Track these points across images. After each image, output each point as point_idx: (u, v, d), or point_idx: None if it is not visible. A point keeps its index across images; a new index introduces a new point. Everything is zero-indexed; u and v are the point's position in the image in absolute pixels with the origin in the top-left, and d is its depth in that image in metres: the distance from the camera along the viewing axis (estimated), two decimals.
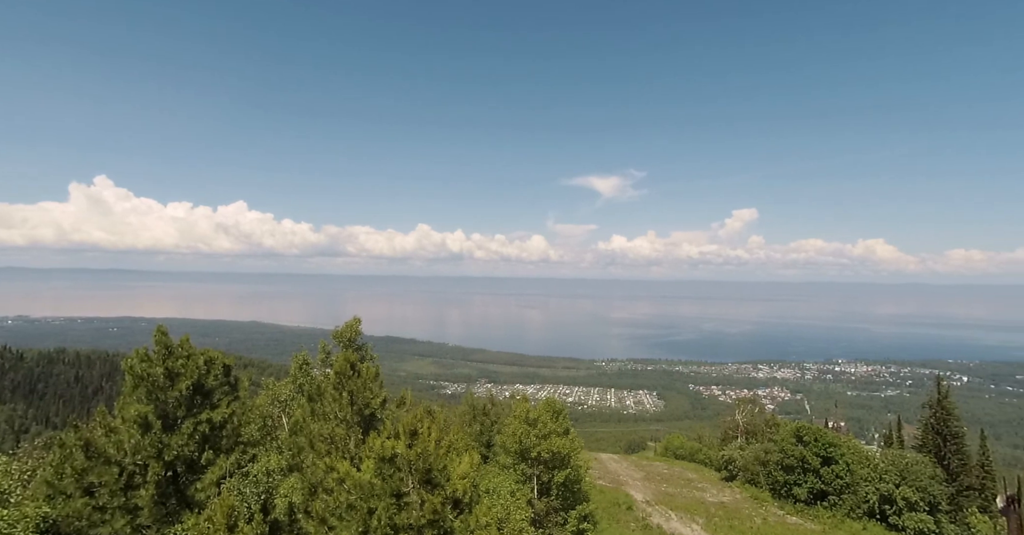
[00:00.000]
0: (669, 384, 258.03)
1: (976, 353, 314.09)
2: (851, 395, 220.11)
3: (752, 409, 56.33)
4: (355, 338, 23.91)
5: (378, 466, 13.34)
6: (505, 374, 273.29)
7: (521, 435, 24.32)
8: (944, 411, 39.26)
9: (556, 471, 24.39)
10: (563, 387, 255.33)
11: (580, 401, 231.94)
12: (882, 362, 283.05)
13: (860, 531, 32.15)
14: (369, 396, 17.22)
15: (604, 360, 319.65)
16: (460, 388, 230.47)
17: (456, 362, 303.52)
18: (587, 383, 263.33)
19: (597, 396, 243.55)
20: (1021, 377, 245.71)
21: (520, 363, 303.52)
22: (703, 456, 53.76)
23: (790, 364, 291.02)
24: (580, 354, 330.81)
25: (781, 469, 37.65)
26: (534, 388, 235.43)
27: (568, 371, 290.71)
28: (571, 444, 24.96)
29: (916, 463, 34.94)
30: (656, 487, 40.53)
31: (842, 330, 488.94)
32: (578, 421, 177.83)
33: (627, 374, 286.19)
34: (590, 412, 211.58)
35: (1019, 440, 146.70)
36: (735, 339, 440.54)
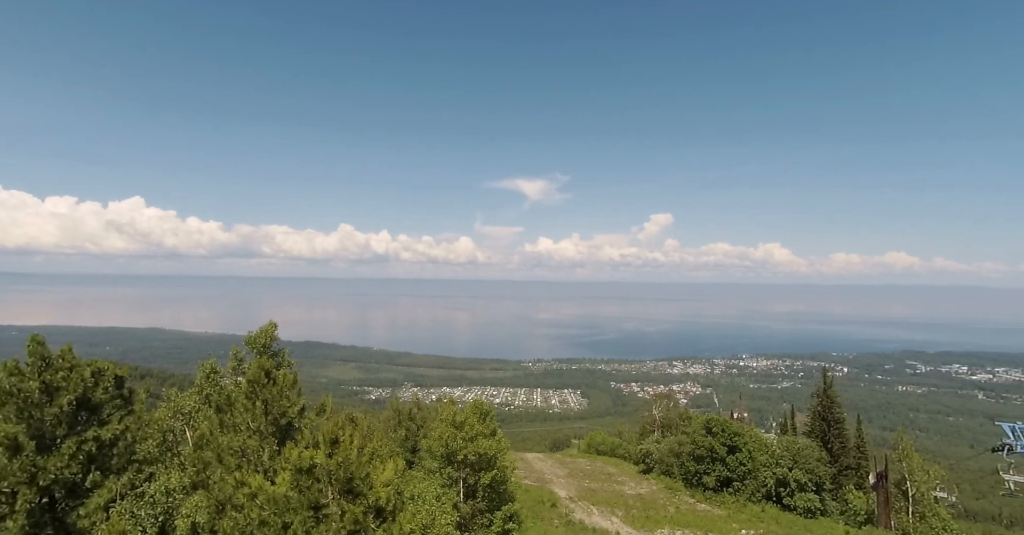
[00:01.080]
0: (592, 382, 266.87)
1: (854, 346, 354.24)
2: (753, 387, 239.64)
3: (668, 404, 59.60)
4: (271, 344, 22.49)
5: (295, 478, 12.69)
6: (432, 377, 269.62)
7: (448, 438, 24.14)
8: (828, 400, 43.85)
9: (483, 473, 24.46)
10: (491, 388, 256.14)
11: (507, 402, 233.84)
12: (779, 356, 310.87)
13: (759, 513, 35.07)
14: (286, 405, 16.33)
15: (531, 361, 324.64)
16: (385, 393, 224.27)
17: (381, 366, 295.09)
18: (514, 384, 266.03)
19: (524, 396, 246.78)
20: (888, 367, 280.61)
21: (447, 366, 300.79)
22: (623, 451, 56.15)
23: (701, 360, 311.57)
24: (507, 355, 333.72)
25: (693, 459, 40.24)
26: (461, 390, 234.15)
27: (496, 372, 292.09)
28: (498, 445, 25.13)
29: (806, 448, 38.72)
30: (579, 483, 41.79)
31: (746, 327, 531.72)
32: (505, 422, 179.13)
33: (553, 374, 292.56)
34: (517, 412, 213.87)
35: (887, 423, 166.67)
36: (653, 337, 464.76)
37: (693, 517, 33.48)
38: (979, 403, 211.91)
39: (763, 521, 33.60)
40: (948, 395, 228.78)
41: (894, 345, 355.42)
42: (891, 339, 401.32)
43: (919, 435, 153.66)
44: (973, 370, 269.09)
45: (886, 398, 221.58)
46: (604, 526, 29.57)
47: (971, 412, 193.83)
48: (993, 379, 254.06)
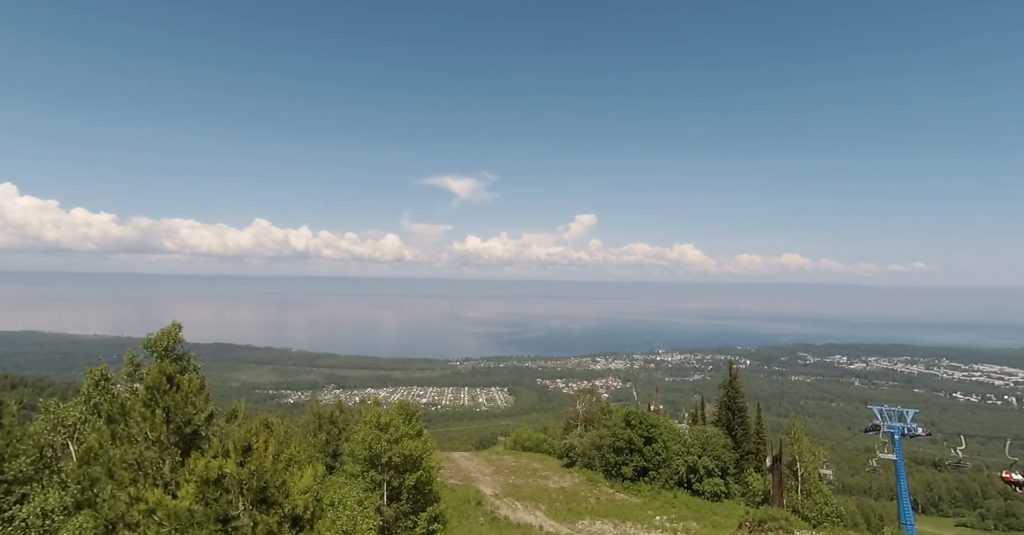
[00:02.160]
0: (519, 380, 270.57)
1: (755, 340, 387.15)
2: (668, 380, 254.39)
3: (590, 399, 61.74)
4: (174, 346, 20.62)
5: (201, 490, 11.82)
6: (356, 379, 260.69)
7: (371, 441, 23.50)
8: (733, 390, 47.55)
9: (407, 474, 24.07)
10: (417, 389, 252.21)
11: (434, 401, 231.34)
12: (692, 351, 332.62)
13: (672, 499, 37.41)
14: (191, 412, 15.12)
15: (459, 359, 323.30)
16: (305, 396, 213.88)
17: (300, 368, 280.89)
18: (442, 383, 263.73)
19: (451, 395, 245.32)
20: (784, 359, 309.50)
21: (372, 366, 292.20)
22: (548, 446, 57.50)
23: (622, 356, 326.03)
24: (435, 354, 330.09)
25: (613, 451, 42.07)
26: (387, 391, 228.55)
27: (423, 372, 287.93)
28: (424, 446, 24.84)
29: (714, 436, 41.80)
30: (504, 480, 42.29)
31: (663, 324, 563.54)
32: (432, 422, 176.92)
33: (480, 372, 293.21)
34: (444, 412, 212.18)
35: (782, 409, 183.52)
36: (578, 335, 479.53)
37: (612, 507, 35.02)
38: (855, 389, 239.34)
39: (675, 507, 35.85)
40: (831, 383, 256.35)
41: (788, 339, 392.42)
42: (786, 333, 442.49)
43: (808, 420, 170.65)
44: (851, 360, 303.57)
45: (781, 387, 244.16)
46: (528, 521, 30.17)
47: (849, 397, 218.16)
48: (867, 367, 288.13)
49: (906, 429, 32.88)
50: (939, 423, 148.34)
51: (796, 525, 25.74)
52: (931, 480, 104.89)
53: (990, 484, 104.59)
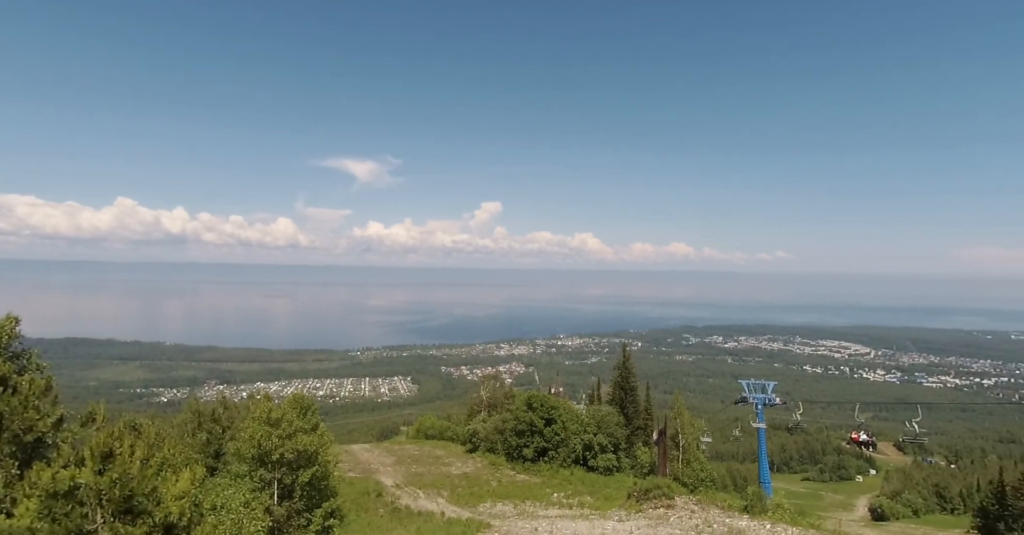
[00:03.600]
0: (423, 368, 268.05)
1: (646, 323, 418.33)
2: (568, 364, 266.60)
3: (494, 385, 62.80)
4: (8, 344, 17.45)
5: (46, 504, 10.24)
6: (243, 373, 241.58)
7: (261, 438, 21.89)
8: (626, 371, 50.99)
9: (301, 471, 22.82)
10: (314, 381, 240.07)
11: (332, 393, 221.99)
12: (590, 335, 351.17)
13: (569, 476, 39.45)
14: (33, 417, 12.98)
15: (359, 349, 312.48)
16: (182, 394, 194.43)
17: (176, 364, 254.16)
18: (340, 374, 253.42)
19: (351, 386, 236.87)
20: (670, 340, 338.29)
21: (262, 359, 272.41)
22: (451, 433, 57.72)
23: (525, 341, 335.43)
24: (334, 345, 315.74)
25: (515, 434, 43.28)
26: (279, 385, 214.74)
27: (319, 363, 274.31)
28: (320, 440, 23.65)
29: (608, 414, 44.58)
30: (406, 469, 41.82)
31: (564, 310, 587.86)
32: (329, 415, 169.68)
33: (383, 361, 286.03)
34: (343, 404, 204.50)
35: (667, 387, 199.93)
36: (483, 322, 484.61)
37: (513, 488, 36.12)
38: (728, 366, 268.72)
39: (572, 483, 37.86)
40: (709, 361, 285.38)
41: (674, 322, 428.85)
42: (673, 316, 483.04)
43: (689, 395, 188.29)
44: (726, 340, 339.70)
45: (667, 366, 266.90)
46: (430, 508, 30.15)
47: (723, 374, 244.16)
48: (738, 346, 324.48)
49: (767, 400, 37.25)
50: (792, 392, 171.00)
51: (676, 491, 28.34)
52: (784, 442, 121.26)
53: (828, 443, 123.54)
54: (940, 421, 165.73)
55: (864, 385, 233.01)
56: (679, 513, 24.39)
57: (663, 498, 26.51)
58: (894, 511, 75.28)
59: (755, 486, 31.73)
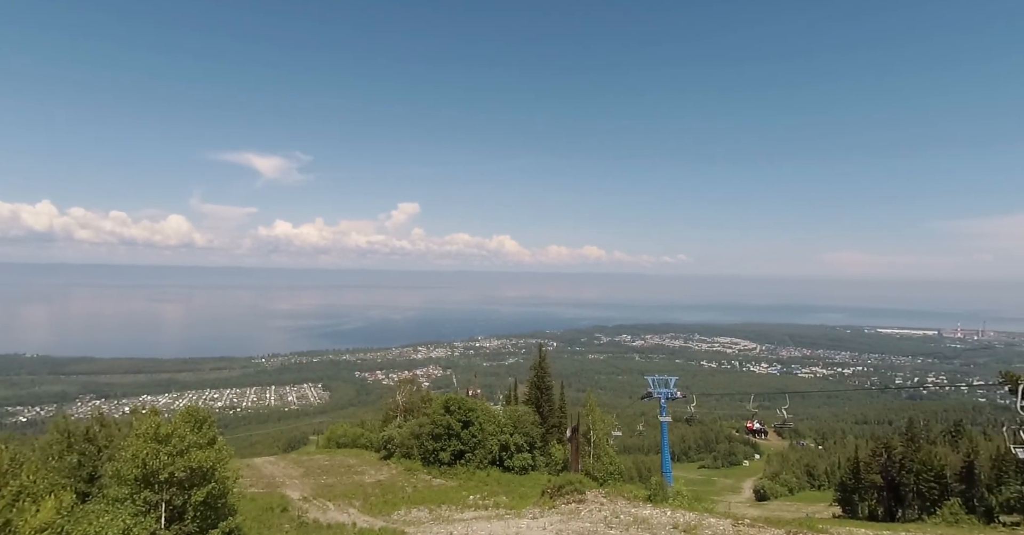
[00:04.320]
0: (335, 374, 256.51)
1: (561, 324, 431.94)
2: (486, 365, 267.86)
3: (411, 389, 61.60)
4: None
5: None
6: (125, 386, 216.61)
7: (147, 456, 19.72)
8: (542, 371, 52.28)
9: (195, 490, 20.88)
10: (212, 391, 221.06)
11: (233, 404, 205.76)
12: (508, 336, 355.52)
13: (485, 478, 39.66)
14: None
15: (264, 356, 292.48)
16: (47, 412, 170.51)
17: (39, 378, 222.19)
18: (243, 383, 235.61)
19: (255, 396, 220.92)
20: (583, 340, 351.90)
21: (150, 370, 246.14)
22: (365, 440, 55.77)
23: (443, 344, 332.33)
24: (235, 352, 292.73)
25: (432, 438, 42.75)
26: (170, 397, 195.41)
27: (218, 372, 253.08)
28: (217, 455, 21.77)
29: (524, 414, 45.42)
30: (315, 481, 39.82)
31: (482, 311, 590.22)
32: (229, 427, 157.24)
33: (290, 368, 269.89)
34: (245, 415, 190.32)
35: (581, 385, 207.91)
36: (399, 324, 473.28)
37: (429, 493, 35.67)
38: (636, 363, 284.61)
39: (488, 484, 38.11)
40: (618, 359, 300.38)
41: (587, 322, 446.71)
42: (585, 317, 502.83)
43: (600, 392, 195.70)
44: (634, 338, 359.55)
45: (581, 365, 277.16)
46: (340, 520, 28.94)
47: (631, 370, 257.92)
48: (644, 344, 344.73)
49: (670, 394, 39.94)
50: (692, 386, 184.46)
51: (587, 485, 29.54)
52: (684, 434, 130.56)
53: (721, 432, 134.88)
54: (811, 407, 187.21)
55: (751, 377, 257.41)
56: (589, 507, 25.47)
57: (575, 493, 27.53)
58: (774, 491, 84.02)
59: (658, 476, 33.92)
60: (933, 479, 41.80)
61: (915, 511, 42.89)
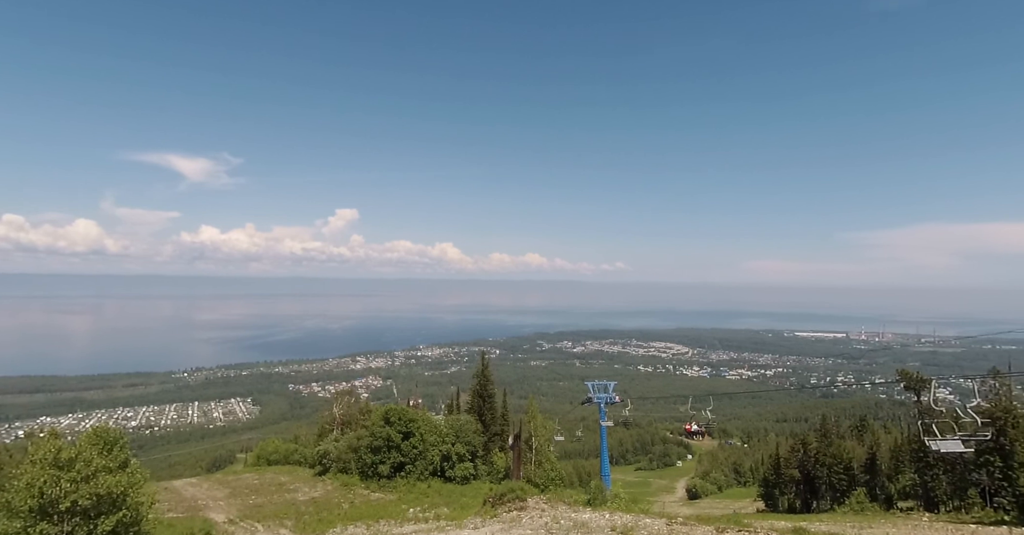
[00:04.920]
0: (267, 387, 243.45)
1: (503, 331, 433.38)
2: (428, 375, 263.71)
3: (349, 400, 59.56)
4: None
5: None
6: (19, 407, 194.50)
7: (44, 484, 17.84)
8: (485, 379, 52.15)
9: (103, 518, 19.09)
10: (125, 410, 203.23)
11: (149, 423, 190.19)
12: (450, 344, 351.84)
13: (426, 490, 38.94)
14: None
15: (186, 370, 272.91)
16: None
17: None
18: (161, 400, 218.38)
19: (175, 413, 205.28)
20: (526, 347, 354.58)
21: (50, 388, 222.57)
22: (299, 456, 53.25)
23: (384, 353, 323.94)
24: (153, 366, 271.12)
25: (370, 451, 41.47)
26: (74, 418, 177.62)
27: (134, 389, 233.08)
28: (129, 479, 20.03)
29: (466, 423, 45.09)
30: (243, 501, 37.49)
31: (424, 319, 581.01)
32: (145, 448, 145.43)
33: (216, 383, 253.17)
34: (164, 435, 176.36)
35: (523, 392, 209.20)
36: (337, 334, 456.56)
37: (367, 508, 34.53)
38: (576, 369, 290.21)
39: (428, 496, 37.43)
40: (560, 365, 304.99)
41: (529, 329, 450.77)
42: (527, 324, 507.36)
43: (542, 399, 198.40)
44: (574, 344, 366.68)
45: (523, 372, 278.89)
46: None
47: (572, 376, 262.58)
48: (584, 350, 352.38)
49: (608, 398, 41.02)
50: (629, 390, 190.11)
51: (529, 492, 29.71)
52: (622, 437, 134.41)
53: (656, 434, 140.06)
54: (738, 408, 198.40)
55: (684, 380, 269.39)
56: (531, 514, 25.63)
57: (516, 501, 27.61)
58: (704, 489, 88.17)
59: (597, 480, 34.69)
60: (842, 471, 45.42)
61: (828, 502, 46.38)
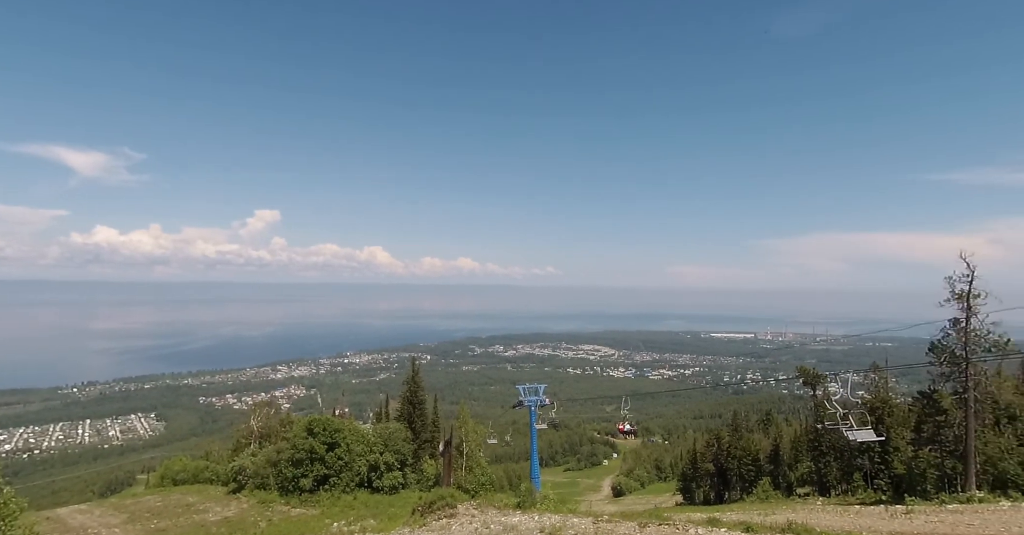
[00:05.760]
0: (174, 401, 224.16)
1: (436, 336, 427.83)
2: (355, 382, 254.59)
3: (268, 412, 56.33)
4: None
5: None
6: None
7: None
8: (415, 385, 51.21)
9: None
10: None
11: (28, 446, 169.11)
12: (379, 350, 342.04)
13: (351, 502, 37.52)
14: None
15: (76, 385, 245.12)
16: None
17: None
18: (44, 420, 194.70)
19: (61, 434, 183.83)
20: (458, 352, 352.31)
21: None
22: (210, 473, 49.43)
23: (307, 361, 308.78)
24: (34, 382, 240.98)
25: (291, 465, 39.34)
26: None
27: (7, 409, 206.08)
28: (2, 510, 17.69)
29: (395, 431, 44.00)
30: (143, 527, 34.21)
31: (351, 326, 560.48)
32: (22, 474, 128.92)
33: (113, 398, 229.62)
34: (47, 458, 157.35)
35: (455, 397, 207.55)
36: (256, 341, 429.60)
37: (286, 525, 32.74)
38: (508, 372, 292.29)
39: (354, 509, 36.11)
40: (492, 369, 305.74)
41: (461, 333, 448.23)
42: (459, 329, 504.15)
43: (474, 404, 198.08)
44: (506, 348, 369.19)
45: (455, 377, 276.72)
46: None
47: (504, 380, 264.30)
48: (516, 353, 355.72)
49: (539, 401, 41.64)
50: (559, 393, 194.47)
51: (459, 499, 29.52)
52: (551, 439, 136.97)
53: (584, 434, 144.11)
54: (659, 406, 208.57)
55: (611, 381, 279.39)
56: (460, 520, 25.45)
57: (446, 508, 27.31)
58: (628, 486, 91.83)
59: (527, 483, 35.12)
60: (751, 463, 49.13)
61: (738, 492, 49.94)
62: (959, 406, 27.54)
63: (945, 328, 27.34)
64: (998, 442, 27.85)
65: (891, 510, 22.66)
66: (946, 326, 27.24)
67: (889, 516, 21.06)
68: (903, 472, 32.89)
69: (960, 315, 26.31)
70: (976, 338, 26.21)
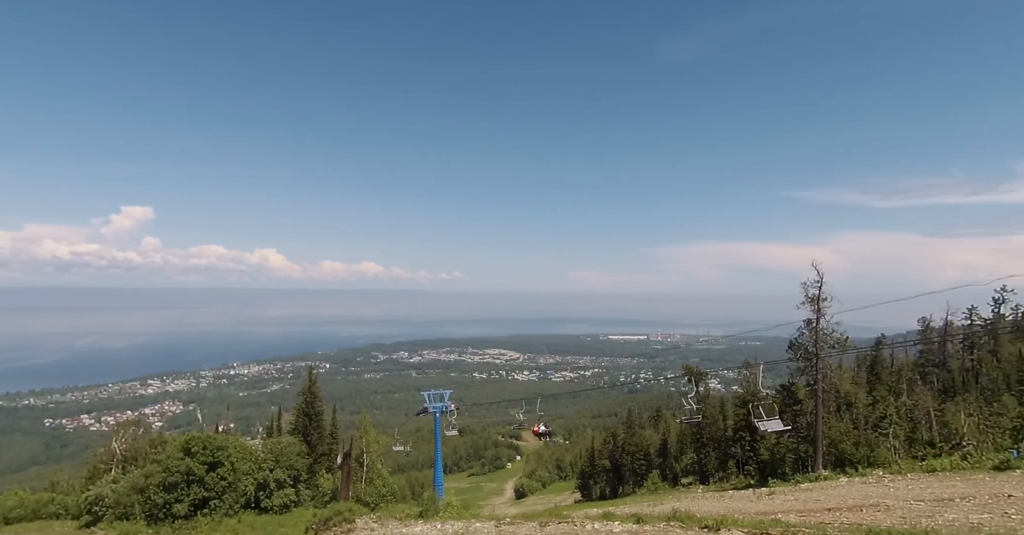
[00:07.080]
0: (10, 425, 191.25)
1: (336, 344, 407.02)
2: (243, 395, 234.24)
3: (135, 432, 50.09)
4: None
5: None
6: None
7: None
8: (312, 396, 48.34)
9: None
10: None
11: None
12: (271, 360, 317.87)
13: (235, 525, 34.43)
14: None
15: None
16: None
17: None
18: None
19: None
20: (360, 359, 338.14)
21: None
22: (56, 507, 42.56)
23: (185, 374, 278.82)
24: None
25: (163, 489, 35.20)
26: None
27: None
28: None
29: (288, 445, 41.16)
30: None
31: (238, 334, 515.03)
32: None
33: None
34: None
35: (355, 407, 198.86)
36: (123, 354, 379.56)
37: None
38: (413, 379, 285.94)
39: (238, 532, 33.22)
40: (396, 376, 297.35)
41: (364, 340, 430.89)
42: (362, 335, 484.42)
43: (376, 412, 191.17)
44: (411, 354, 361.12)
45: (356, 386, 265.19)
46: None
47: (408, 387, 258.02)
48: (421, 360, 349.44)
49: (444, 407, 41.19)
50: (464, 398, 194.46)
51: (358, 513, 28.27)
52: (456, 445, 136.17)
53: (489, 439, 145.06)
54: (561, 407, 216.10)
55: (516, 385, 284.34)
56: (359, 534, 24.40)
57: (343, 523, 26.01)
58: (531, 487, 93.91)
59: (430, 491, 34.57)
60: (642, 457, 52.64)
61: (631, 486, 53.21)
62: (811, 396, 31.91)
63: (800, 328, 31.73)
64: (839, 427, 32.61)
65: (757, 493, 25.55)
66: (801, 326, 31.61)
67: (756, 498, 23.72)
68: (767, 458, 37.22)
69: (812, 316, 30.68)
70: (824, 336, 30.72)
